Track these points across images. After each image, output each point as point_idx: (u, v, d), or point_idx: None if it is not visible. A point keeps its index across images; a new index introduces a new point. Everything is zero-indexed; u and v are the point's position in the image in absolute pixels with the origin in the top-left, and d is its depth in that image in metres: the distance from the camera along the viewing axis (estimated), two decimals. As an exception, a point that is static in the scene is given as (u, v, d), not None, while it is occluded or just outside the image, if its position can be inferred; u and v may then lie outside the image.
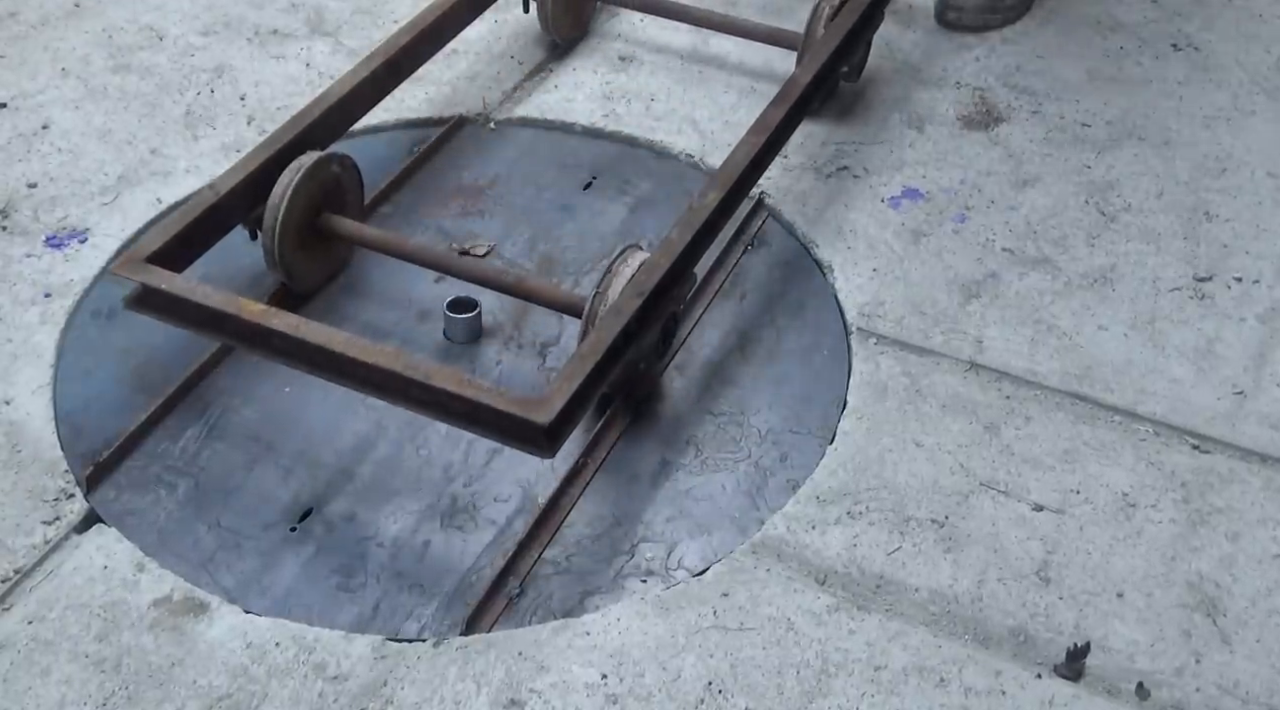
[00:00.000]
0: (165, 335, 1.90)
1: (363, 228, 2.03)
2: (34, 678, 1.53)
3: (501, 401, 1.59)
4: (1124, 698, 1.56)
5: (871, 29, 2.41)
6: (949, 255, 2.12)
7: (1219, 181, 2.29)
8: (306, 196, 1.97)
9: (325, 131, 2.08)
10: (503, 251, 2.14)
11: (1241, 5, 2.72)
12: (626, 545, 1.72)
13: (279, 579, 1.67)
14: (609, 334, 1.69)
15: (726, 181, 1.94)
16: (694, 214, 1.88)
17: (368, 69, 2.15)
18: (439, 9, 2.30)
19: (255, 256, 2.00)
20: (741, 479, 1.81)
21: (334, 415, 1.88)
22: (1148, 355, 1.98)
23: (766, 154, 2.06)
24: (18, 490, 1.73)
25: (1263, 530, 1.75)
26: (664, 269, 1.78)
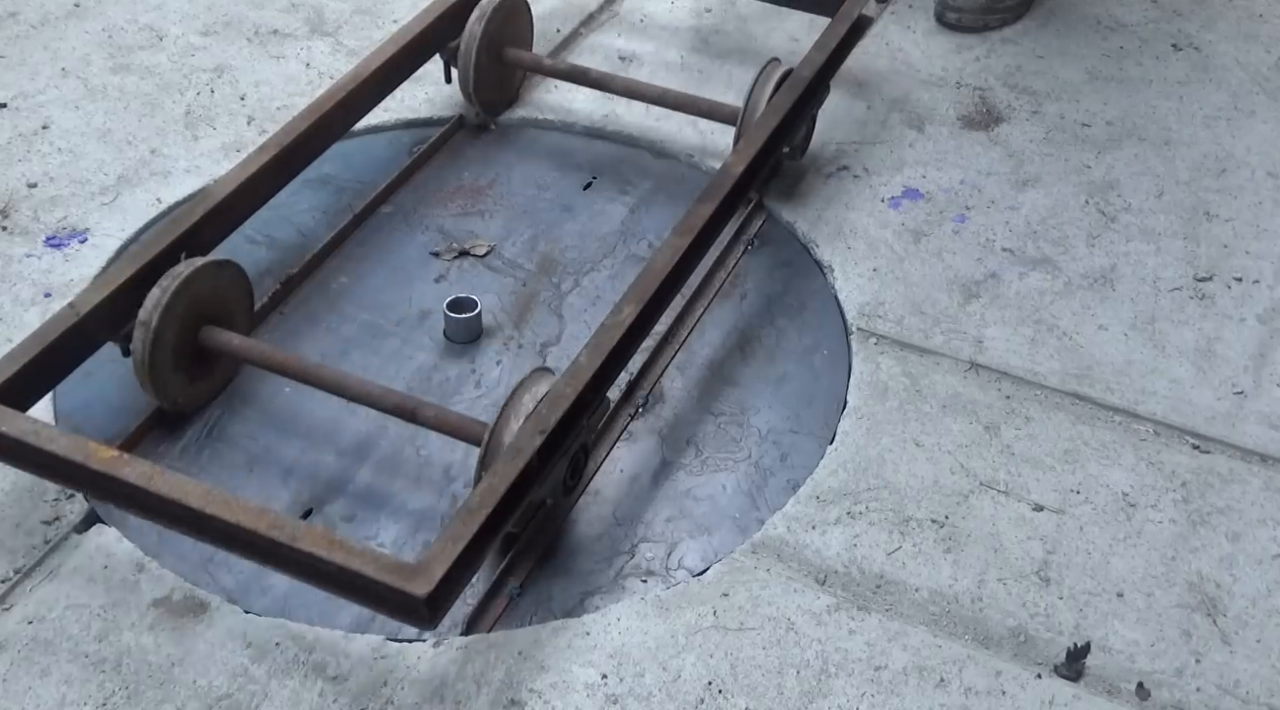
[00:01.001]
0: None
1: (250, 343, 1.82)
2: (34, 678, 1.53)
3: (374, 568, 1.41)
4: (1124, 698, 1.56)
5: (816, 104, 2.24)
6: (949, 255, 2.12)
7: (1219, 181, 2.29)
8: (184, 310, 1.78)
9: (210, 233, 1.89)
10: (503, 251, 2.14)
11: (1241, 5, 2.72)
12: (626, 545, 1.72)
13: (279, 579, 1.66)
14: (503, 482, 1.50)
15: (644, 294, 1.75)
16: (606, 333, 1.69)
17: (258, 163, 1.95)
18: (335, 97, 2.08)
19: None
20: (742, 479, 1.81)
21: (335, 415, 1.88)
22: (1148, 355, 1.98)
23: (693, 255, 1.88)
24: (18, 490, 1.73)
25: (1263, 530, 1.75)
26: (571, 399, 1.60)
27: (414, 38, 2.22)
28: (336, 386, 1.77)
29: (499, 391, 1.91)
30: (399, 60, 2.20)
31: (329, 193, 2.24)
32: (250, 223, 1.99)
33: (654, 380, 1.93)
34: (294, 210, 2.19)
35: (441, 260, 2.12)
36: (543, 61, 2.37)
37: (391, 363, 1.95)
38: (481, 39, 2.28)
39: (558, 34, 2.58)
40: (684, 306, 2.04)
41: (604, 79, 2.30)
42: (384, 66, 2.16)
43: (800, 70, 2.16)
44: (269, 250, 2.13)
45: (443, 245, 2.14)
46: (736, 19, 2.67)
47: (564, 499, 1.73)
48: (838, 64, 2.29)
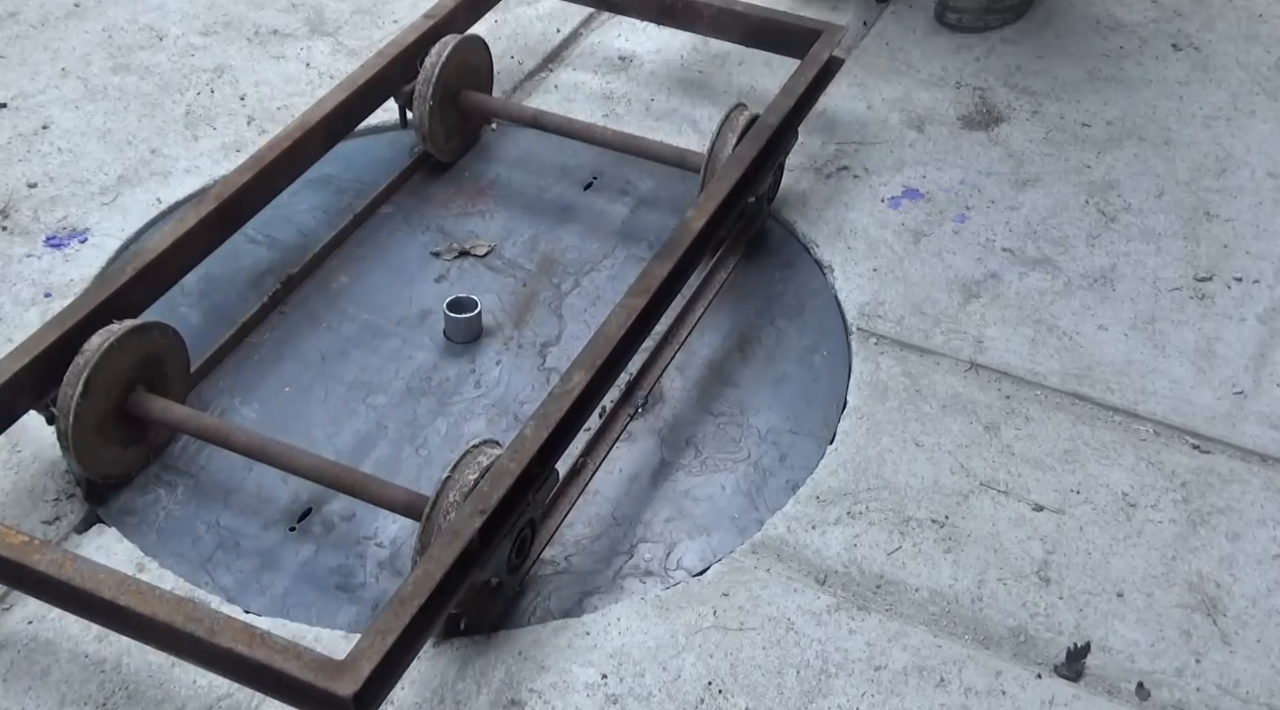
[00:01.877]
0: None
1: (183, 411, 1.73)
2: (34, 678, 1.53)
3: (297, 666, 1.33)
4: (1124, 698, 1.56)
5: (783, 152, 2.13)
6: (949, 255, 2.12)
7: (1219, 181, 2.29)
8: (111, 375, 1.69)
9: (141, 293, 1.79)
10: (503, 251, 2.14)
11: (1241, 5, 2.72)
12: (626, 546, 1.72)
13: (278, 579, 1.67)
14: (439, 568, 1.41)
15: (595, 360, 1.65)
16: (554, 403, 1.60)
17: (196, 217, 1.85)
18: (279, 146, 1.98)
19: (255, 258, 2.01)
20: (741, 480, 1.81)
21: (334, 414, 1.88)
22: (1148, 355, 1.98)
23: (649, 318, 1.78)
24: (18, 490, 1.73)
25: (1263, 530, 1.75)
26: (515, 475, 1.51)
27: (364, 83, 2.12)
28: (266, 456, 1.66)
29: (498, 391, 1.91)
30: (349, 106, 2.10)
31: (330, 193, 2.24)
32: (251, 223, 1.99)
33: (654, 381, 1.93)
34: (294, 210, 2.19)
35: (442, 260, 2.12)
36: (503, 106, 2.31)
37: (391, 362, 1.95)
38: (436, 82, 2.18)
39: (558, 33, 2.58)
40: (684, 307, 2.03)
41: (564, 124, 2.21)
42: (330, 115, 2.06)
43: (766, 117, 2.05)
44: (269, 250, 2.13)
45: (443, 245, 2.14)
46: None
47: (510, 578, 1.62)
48: (806, 109, 2.20)
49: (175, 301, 1.98)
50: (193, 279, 1.97)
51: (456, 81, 2.24)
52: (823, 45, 2.22)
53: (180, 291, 1.96)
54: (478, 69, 2.31)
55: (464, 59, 2.25)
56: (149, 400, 1.73)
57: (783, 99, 2.10)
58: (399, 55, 2.19)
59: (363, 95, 2.13)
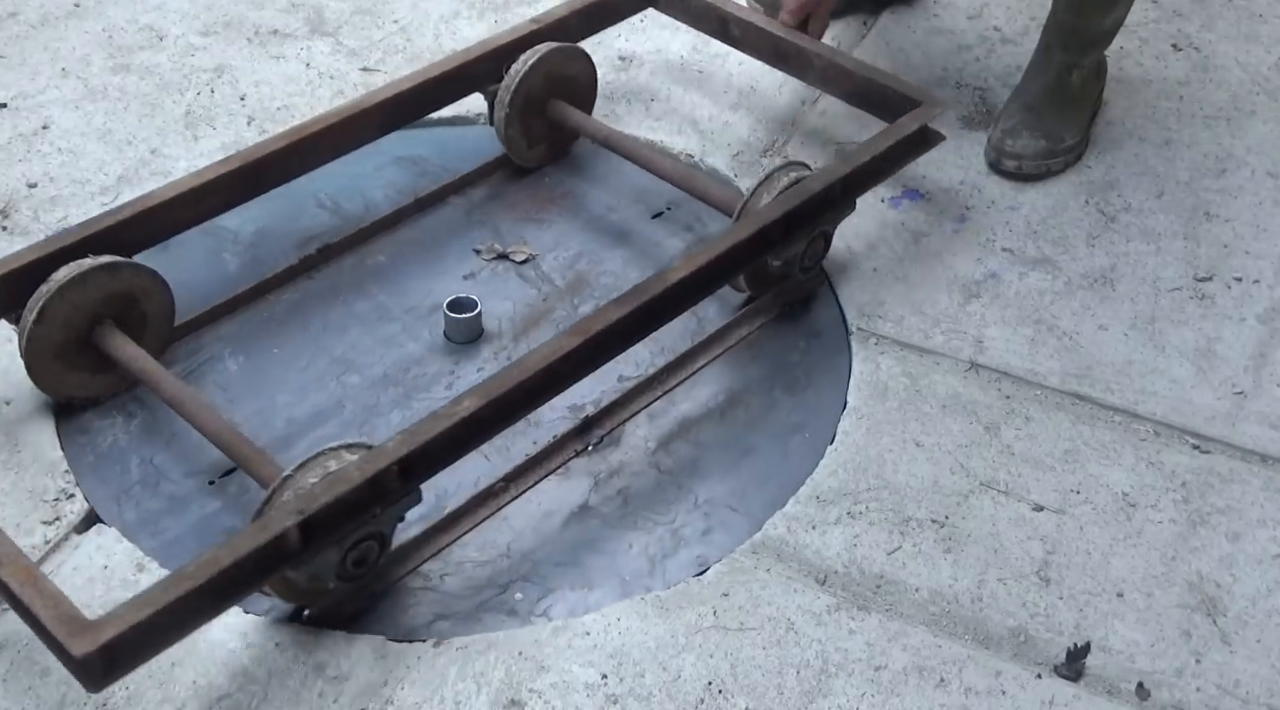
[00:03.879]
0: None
1: (131, 351, 1.75)
2: (34, 678, 1.53)
3: (49, 614, 1.31)
4: (1124, 698, 1.56)
5: (830, 220, 1.98)
6: (949, 255, 2.12)
7: (1219, 181, 2.29)
8: (72, 307, 1.74)
9: (139, 233, 1.84)
10: (541, 262, 2.10)
11: (1241, 5, 2.72)
12: (504, 580, 1.67)
13: (174, 525, 1.70)
14: (229, 556, 1.38)
15: (495, 389, 1.59)
16: (431, 423, 1.55)
17: (213, 173, 1.89)
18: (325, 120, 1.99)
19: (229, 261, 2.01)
20: (652, 543, 1.72)
21: (305, 384, 1.90)
22: (1148, 355, 1.98)
23: (585, 360, 1.70)
24: (18, 490, 1.73)
25: (1263, 530, 1.75)
26: (354, 484, 1.46)
27: (438, 75, 2.10)
28: (183, 411, 1.69)
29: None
30: (417, 93, 2.08)
31: (413, 174, 2.25)
32: (326, 187, 2.09)
33: (617, 423, 1.85)
34: (372, 184, 2.22)
35: (480, 258, 2.11)
36: (582, 121, 2.22)
37: (381, 347, 1.96)
38: (517, 89, 2.15)
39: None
40: (681, 356, 1.94)
41: (630, 149, 2.12)
42: (392, 100, 2.06)
43: (810, 181, 1.91)
44: (331, 217, 2.16)
45: (487, 244, 2.13)
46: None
47: (345, 586, 1.57)
48: (873, 179, 2.03)
49: (222, 247, 2.09)
50: (249, 230, 2.10)
51: (545, 90, 2.19)
52: (913, 117, 2.06)
53: (232, 240, 2.09)
54: (574, 80, 2.24)
55: (556, 69, 2.20)
56: (109, 335, 1.78)
57: (838, 165, 1.96)
58: (487, 54, 2.15)
59: (436, 86, 2.11)
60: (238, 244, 2.10)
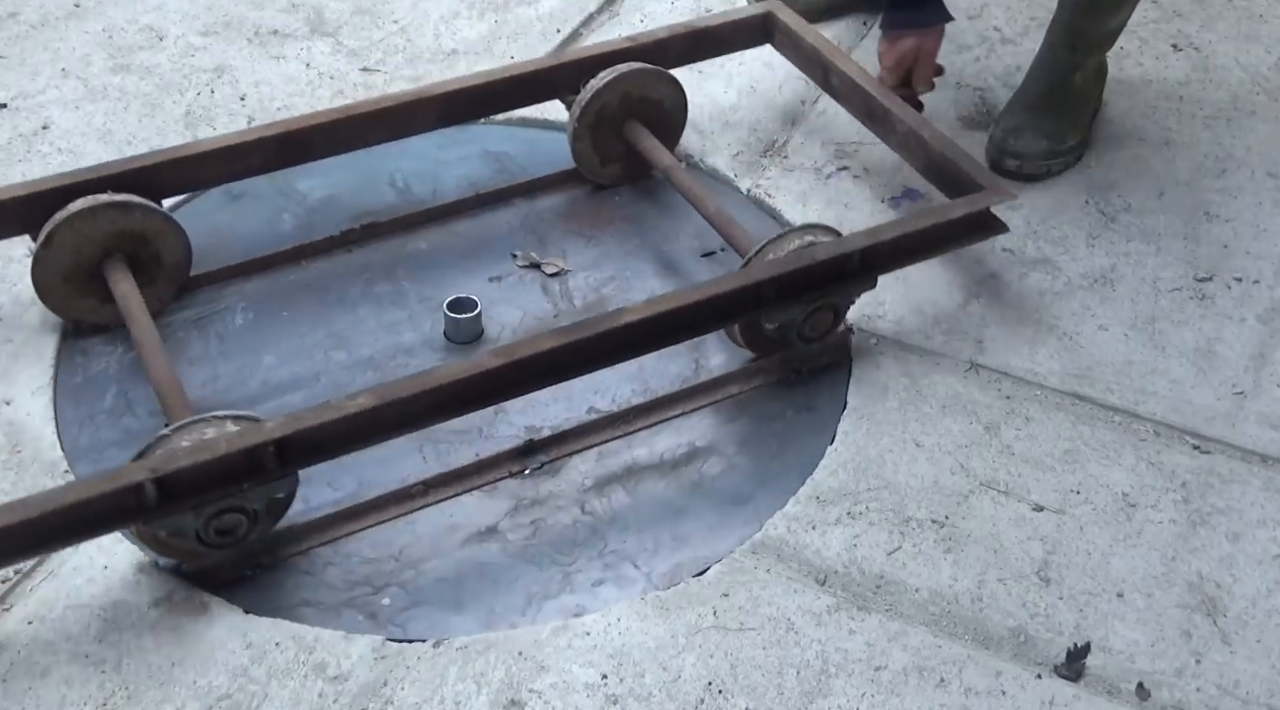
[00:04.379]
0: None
1: (124, 289, 1.82)
2: (34, 678, 1.54)
3: None
4: (1124, 698, 1.56)
5: (844, 293, 1.86)
6: (949, 255, 2.12)
7: (1219, 181, 2.29)
8: (81, 237, 1.83)
9: (164, 180, 1.92)
10: (569, 279, 2.08)
11: (1241, 5, 2.72)
12: (378, 582, 1.65)
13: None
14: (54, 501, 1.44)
15: (391, 395, 1.58)
16: (321, 412, 1.56)
17: (253, 135, 1.96)
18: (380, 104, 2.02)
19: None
20: (543, 577, 1.67)
21: (295, 350, 1.94)
22: (1148, 355, 1.98)
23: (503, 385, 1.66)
24: (18, 490, 1.73)
25: (1263, 530, 1.75)
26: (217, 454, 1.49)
27: (510, 76, 2.10)
28: (143, 361, 1.75)
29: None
30: (484, 90, 2.08)
31: (492, 169, 2.26)
32: (405, 168, 2.16)
33: (563, 453, 1.81)
34: (450, 172, 2.24)
35: (514, 263, 2.09)
36: (649, 148, 2.14)
37: (379, 331, 1.98)
38: (588, 105, 2.12)
39: (558, 34, 2.58)
40: (654, 401, 1.87)
41: (681, 184, 2.07)
42: (455, 93, 2.06)
43: (817, 248, 1.81)
44: (397, 196, 2.19)
45: (525, 251, 2.11)
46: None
47: (210, 553, 1.59)
48: (907, 257, 1.91)
49: (286, 207, 2.17)
50: (317, 195, 2.18)
51: (621, 110, 2.15)
52: (968, 202, 1.92)
53: (299, 202, 2.17)
54: (657, 105, 2.19)
55: (636, 90, 2.15)
56: (114, 269, 1.86)
57: (858, 236, 1.85)
58: (569, 64, 2.14)
59: (507, 87, 2.11)
60: (301, 206, 2.17)
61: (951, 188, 2.01)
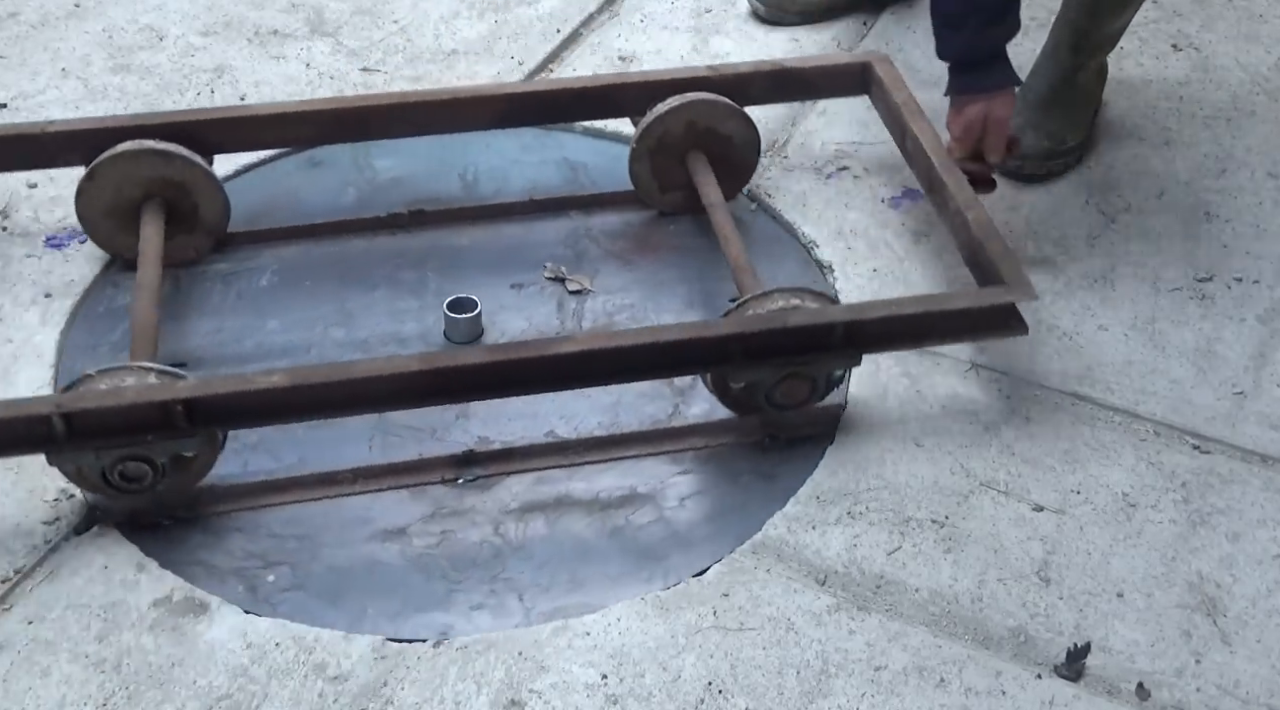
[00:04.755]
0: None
1: (148, 232, 1.90)
2: (34, 678, 1.54)
3: None
4: (1124, 698, 1.56)
5: (811, 364, 1.74)
6: (949, 255, 2.12)
7: (1219, 181, 2.29)
8: (123, 177, 1.95)
9: (217, 137, 2.00)
10: (589, 299, 2.04)
11: (1241, 5, 2.72)
12: (274, 558, 1.67)
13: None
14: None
15: (300, 378, 1.61)
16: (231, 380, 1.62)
17: (310, 106, 2.03)
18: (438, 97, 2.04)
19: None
20: (414, 590, 1.64)
21: (301, 318, 1.98)
22: (1148, 355, 1.98)
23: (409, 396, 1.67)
24: (18, 490, 1.73)
25: (1263, 530, 1.75)
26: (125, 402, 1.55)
27: (577, 87, 2.08)
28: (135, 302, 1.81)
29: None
30: (548, 98, 2.08)
31: (563, 177, 2.25)
32: (479, 162, 2.20)
33: (501, 470, 1.77)
34: (521, 174, 2.24)
35: (541, 274, 2.07)
36: (702, 182, 2.07)
37: (385, 317, 1.99)
38: (647, 130, 2.06)
39: (558, 34, 2.58)
40: (608, 439, 1.82)
41: (717, 225, 1.99)
42: (517, 96, 2.05)
43: (791, 313, 1.71)
44: (461, 189, 2.21)
45: (556, 264, 2.09)
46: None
47: (119, 496, 1.64)
48: (898, 341, 1.80)
49: (355, 180, 2.22)
50: (388, 175, 2.22)
51: (685, 140, 2.09)
52: (977, 296, 1.80)
53: (368, 178, 2.22)
54: (726, 140, 2.11)
55: (703, 121, 2.08)
56: (150, 211, 1.95)
57: (841, 308, 1.76)
58: (640, 83, 2.09)
59: (573, 98, 2.08)
60: (369, 183, 2.20)
61: (982, 277, 1.86)
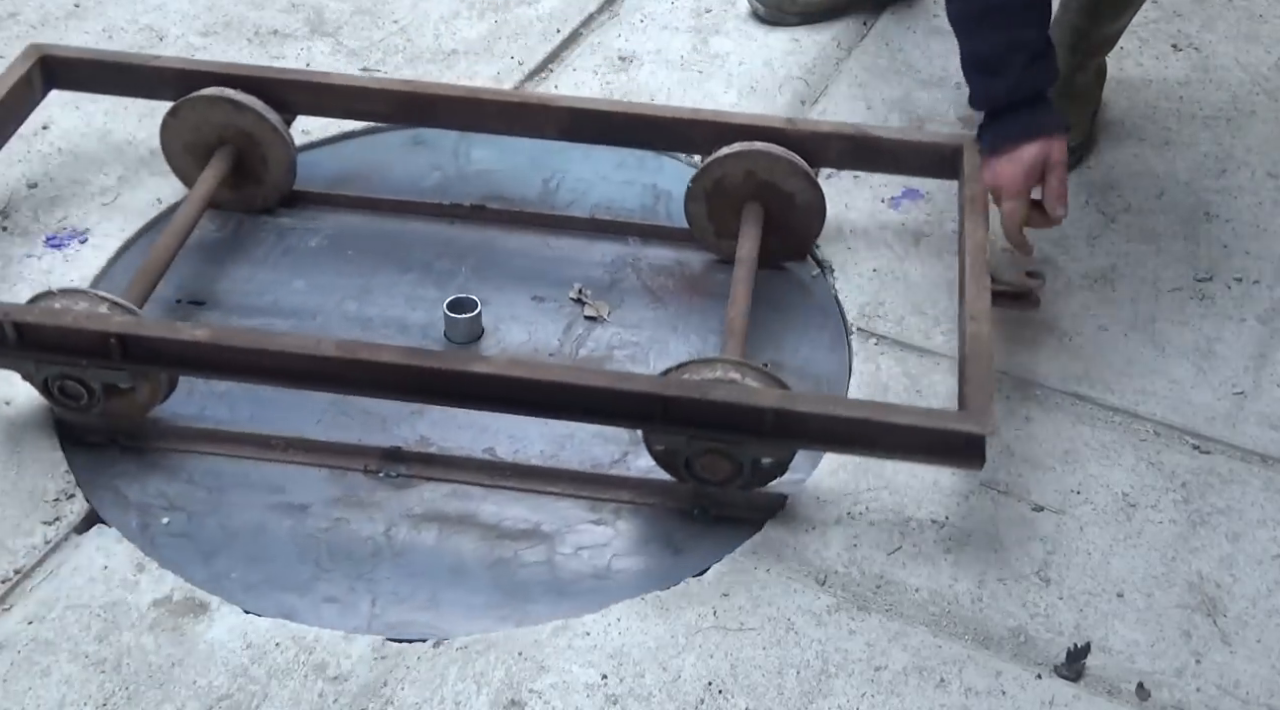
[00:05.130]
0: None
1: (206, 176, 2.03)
2: (34, 678, 1.54)
3: None
4: (1124, 698, 1.56)
5: (732, 444, 1.63)
6: (949, 255, 2.12)
7: (1219, 181, 2.29)
8: (201, 118, 2.06)
9: (287, 97, 2.07)
10: (600, 328, 1.99)
11: (1241, 5, 2.72)
12: (178, 505, 1.73)
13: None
14: None
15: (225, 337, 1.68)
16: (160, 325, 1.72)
17: (378, 85, 2.09)
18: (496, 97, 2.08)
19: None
20: (280, 574, 1.66)
21: (320, 285, 2.03)
22: (1148, 355, 1.98)
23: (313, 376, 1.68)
24: (18, 490, 1.73)
25: (1263, 530, 1.75)
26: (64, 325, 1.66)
27: (656, 117, 2.04)
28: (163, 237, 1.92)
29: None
30: (614, 119, 2.04)
31: (642, 200, 2.20)
32: (568, 172, 2.22)
33: (428, 474, 1.77)
34: (600, 190, 2.22)
35: (566, 294, 2.04)
36: (746, 233, 1.98)
37: (400, 301, 2.02)
38: (704, 172, 2.01)
39: (558, 34, 2.58)
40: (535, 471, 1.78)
41: (736, 278, 1.90)
42: (583, 112, 2.03)
43: (720, 391, 1.61)
44: (538, 193, 2.21)
45: (581, 286, 2.06)
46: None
47: (61, 410, 1.77)
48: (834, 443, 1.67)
49: (441, 165, 2.26)
50: (479, 165, 2.25)
51: (744, 188, 2.00)
52: (926, 416, 1.64)
53: (457, 165, 2.26)
54: (784, 197, 2.01)
55: (765, 174, 1.99)
56: (219, 157, 2.06)
57: (773, 394, 1.63)
58: (708, 122, 2.02)
59: (640, 123, 2.04)
60: (454, 170, 2.24)
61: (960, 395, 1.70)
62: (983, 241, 1.81)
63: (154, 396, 1.75)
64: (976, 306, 1.73)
